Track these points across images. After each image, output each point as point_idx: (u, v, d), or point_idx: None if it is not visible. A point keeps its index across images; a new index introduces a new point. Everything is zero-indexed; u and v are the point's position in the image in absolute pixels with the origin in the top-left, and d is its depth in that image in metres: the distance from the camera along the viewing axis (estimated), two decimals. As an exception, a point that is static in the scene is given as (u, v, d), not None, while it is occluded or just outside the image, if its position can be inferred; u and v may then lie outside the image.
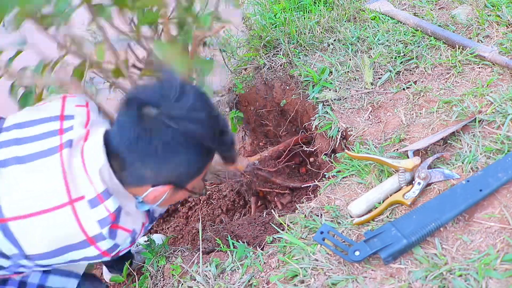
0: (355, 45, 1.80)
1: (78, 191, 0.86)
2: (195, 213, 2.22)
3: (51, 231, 0.85)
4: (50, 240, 0.85)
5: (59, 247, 0.86)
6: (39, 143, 0.90)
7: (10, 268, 0.91)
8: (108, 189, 0.87)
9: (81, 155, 0.88)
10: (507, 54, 1.45)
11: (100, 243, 0.88)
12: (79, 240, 0.86)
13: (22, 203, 0.84)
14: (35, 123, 0.94)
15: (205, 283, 1.13)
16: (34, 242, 0.85)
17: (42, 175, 0.86)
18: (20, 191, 0.85)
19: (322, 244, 1.03)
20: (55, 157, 0.87)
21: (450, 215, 0.98)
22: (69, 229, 0.85)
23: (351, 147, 1.39)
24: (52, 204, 0.84)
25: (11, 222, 0.84)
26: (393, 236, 0.97)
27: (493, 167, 1.04)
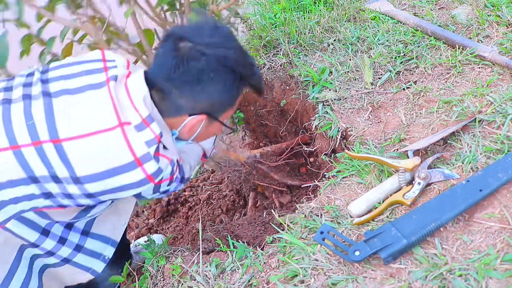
0: (355, 45, 1.80)
1: (125, 117, 0.91)
2: (195, 213, 2.22)
3: (102, 151, 0.90)
4: (101, 160, 0.90)
5: (109, 168, 0.90)
6: (87, 78, 0.96)
7: (57, 197, 0.94)
8: (151, 114, 0.93)
9: (125, 88, 0.95)
10: (507, 54, 1.45)
11: (146, 164, 0.92)
12: (127, 161, 0.91)
13: (76, 125, 0.90)
14: (81, 62, 1.00)
15: (205, 283, 1.13)
16: (85, 162, 0.90)
17: (92, 102, 0.92)
18: (73, 116, 0.91)
19: (322, 244, 1.03)
20: (103, 89, 0.93)
21: (450, 215, 0.98)
22: (119, 149, 0.90)
23: (351, 147, 1.39)
24: (104, 126, 0.90)
25: (65, 142, 0.89)
26: (393, 236, 0.97)
27: (493, 167, 1.04)
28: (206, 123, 1.02)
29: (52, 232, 1.08)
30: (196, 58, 0.91)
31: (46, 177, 0.90)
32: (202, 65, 0.92)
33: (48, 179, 0.91)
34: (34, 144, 0.88)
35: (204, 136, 1.10)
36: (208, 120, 1.01)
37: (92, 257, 1.18)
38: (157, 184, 0.97)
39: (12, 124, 0.90)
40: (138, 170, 0.92)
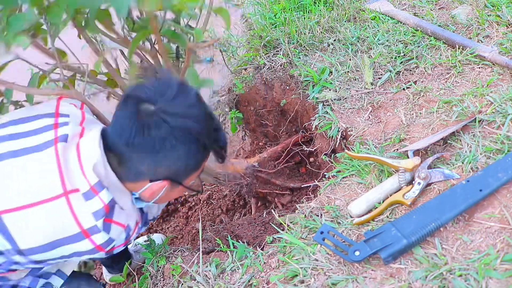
0: (355, 45, 1.80)
1: (72, 183, 0.86)
2: (195, 213, 2.22)
3: (45, 223, 0.85)
4: (44, 232, 0.85)
5: (53, 240, 0.86)
6: (34, 138, 0.90)
7: (3, 266, 0.91)
8: (101, 181, 0.88)
9: (76, 150, 0.89)
10: (507, 54, 1.45)
11: (95, 236, 0.88)
12: (73, 232, 0.86)
13: (16, 195, 0.84)
14: (30, 119, 0.94)
15: (205, 283, 1.13)
16: (28, 235, 0.84)
17: (36, 168, 0.86)
18: (14, 184, 0.85)
19: (322, 244, 1.03)
20: (50, 150, 0.88)
21: (450, 215, 0.98)
22: (64, 220, 0.85)
23: (351, 147, 1.39)
24: (47, 195, 0.84)
25: (5, 214, 0.84)
26: (393, 236, 0.97)
27: (493, 167, 1.04)
28: (169, 188, 0.96)
29: None
30: (158, 125, 0.85)
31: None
32: (163, 133, 0.86)
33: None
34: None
35: (166, 198, 1.04)
36: (170, 184, 0.95)
37: None
38: (109, 252, 0.93)
39: None
40: (85, 241, 0.88)
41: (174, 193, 1.02)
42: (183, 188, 1.00)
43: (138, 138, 0.86)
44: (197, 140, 0.90)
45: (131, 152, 0.88)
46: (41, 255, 0.87)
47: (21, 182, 0.85)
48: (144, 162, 0.89)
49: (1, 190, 0.85)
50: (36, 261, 0.90)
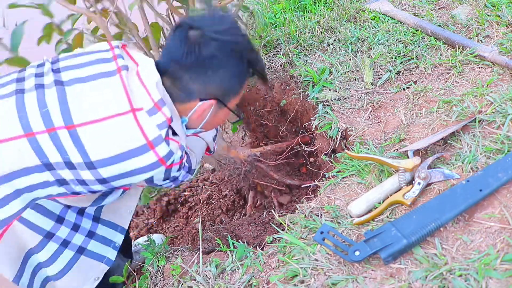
0: (355, 45, 1.80)
1: (137, 103, 0.94)
2: (195, 213, 2.22)
3: (115, 135, 0.92)
4: (114, 144, 0.92)
5: (121, 151, 0.92)
6: (98, 66, 0.99)
7: (71, 185, 0.96)
8: (163, 98, 0.95)
9: (137, 75, 0.98)
10: (507, 54, 1.45)
11: (158, 147, 0.93)
12: (140, 144, 0.92)
13: (89, 111, 0.92)
14: (90, 53, 1.03)
15: (205, 283, 1.13)
16: (99, 146, 0.91)
17: (105, 89, 0.95)
18: (86, 102, 0.93)
19: (322, 244, 1.03)
20: (115, 77, 0.96)
21: (450, 215, 0.98)
22: (132, 133, 0.92)
23: (351, 147, 1.39)
24: (116, 111, 0.92)
25: (79, 128, 0.91)
26: (393, 236, 0.97)
27: (493, 167, 1.04)
28: (215, 109, 1.05)
29: (66, 219, 1.10)
30: (207, 44, 0.95)
31: (60, 164, 0.92)
32: (212, 50, 0.95)
33: (62, 166, 0.92)
34: (48, 131, 0.91)
35: (212, 123, 1.13)
36: (217, 106, 1.04)
37: (105, 244, 1.20)
38: (168, 168, 0.98)
39: (27, 113, 0.92)
40: (150, 153, 0.93)
41: (219, 117, 1.10)
42: (227, 112, 1.09)
43: (190, 57, 0.95)
44: (242, 58, 1.00)
45: (183, 72, 0.98)
46: (108, 169, 0.93)
47: (92, 99, 0.93)
48: (194, 81, 0.98)
49: (74, 106, 0.92)
50: (102, 180, 0.95)
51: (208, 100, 1.01)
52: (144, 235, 2.12)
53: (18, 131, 0.91)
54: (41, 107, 0.93)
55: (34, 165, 0.91)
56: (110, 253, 1.20)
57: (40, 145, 0.90)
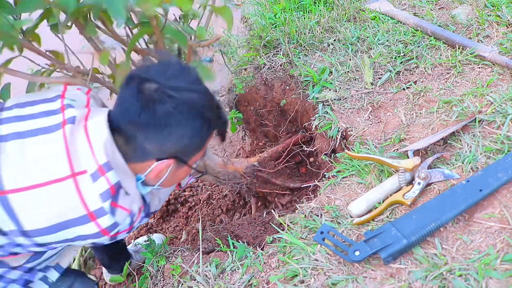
0: (355, 45, 1.80)
1: (80, 165, 0.85)
2: (195, 213, 2.22)
3: (51, 204, 0.84)
4: (50, 214, 0.84)
5: (59, 222, 0.85)
6: (41, 120, 0.90)
7: (6, 248, 0.90)
8: (110, 162, 0.87)
9: (84, 131, 0.89)
10: (507, 54, 1.45)
11: (101, 219, 0.87)
12: (79, 214, 0.85)
13: (23, 175, 0.84)
14: (37, 102, 0.94)
15: (205, 283, 1.13)
16: (33, 216, 0.84)
17: (43, 149, 0.86)
18: (21, 164, 0.85)
19: (322, 244, 1.03)
20: (57, 133, 0.87)
21: (450, 215, 0.98)
22: (70, 202, 0.84)
23: (351, 147, 1.39)
24: (54, 176, 0.84)
25: (11, 194, 0.83)
26: (393, 236, 0.97)
27: (493, 167, 1.04)
28: (174, 167, 0.96)
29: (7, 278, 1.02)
30: (163, 100, 0.86)
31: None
32: (169, 108, 0.86)
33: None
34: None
35: (171, 181, 1.04)
36: (176, 164, 0.95)
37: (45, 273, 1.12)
38: (113, 236, 0.92)
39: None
40: (91, 224, 0.87)
41: (179, 174, 1.01)
42: (188, 169, 1.00)
43: (143, 115, 0.86)
44: (202, 115, 0.91)
45: (136, 131, 0.88)
46: (45, 237, 0.86)
47: (28, 162, 0.85)
48: (149, 140, 0.89)
49: (7, 170, 0.84)
50: (40, 244, 0.89)
51: (165, 159, 0.92)
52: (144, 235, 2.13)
53: None
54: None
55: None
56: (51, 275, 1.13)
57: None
